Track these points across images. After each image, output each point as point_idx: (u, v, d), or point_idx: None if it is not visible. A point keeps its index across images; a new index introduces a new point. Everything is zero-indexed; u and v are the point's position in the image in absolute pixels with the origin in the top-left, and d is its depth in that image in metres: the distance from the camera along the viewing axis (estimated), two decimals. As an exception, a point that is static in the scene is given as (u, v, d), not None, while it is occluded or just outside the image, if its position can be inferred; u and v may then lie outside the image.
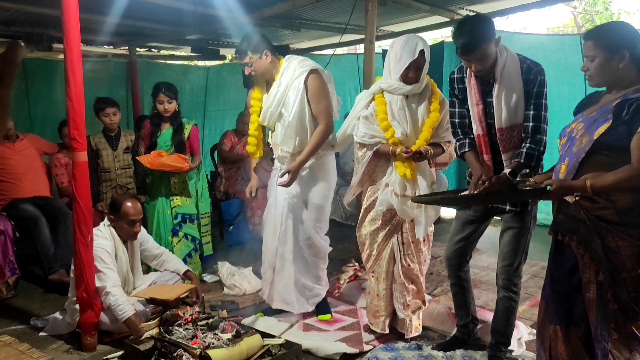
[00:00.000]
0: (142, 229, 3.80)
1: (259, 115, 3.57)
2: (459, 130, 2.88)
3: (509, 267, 2.82)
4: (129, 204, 3.49)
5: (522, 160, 2.63)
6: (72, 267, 3.34)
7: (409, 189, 3.08)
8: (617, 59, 2.10)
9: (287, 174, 3.35)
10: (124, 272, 3.53)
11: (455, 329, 3.23)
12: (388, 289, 3.28)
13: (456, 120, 2.89)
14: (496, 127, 2.69)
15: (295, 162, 3.38)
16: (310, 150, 3.37)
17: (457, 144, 2.89)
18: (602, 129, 2.06)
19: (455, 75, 2.87)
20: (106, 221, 3.53)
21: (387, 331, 3.32)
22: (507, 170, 2.62)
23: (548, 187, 2.12)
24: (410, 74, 3.02)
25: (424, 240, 3.26)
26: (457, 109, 2.88)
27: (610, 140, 2.05)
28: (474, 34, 2.53)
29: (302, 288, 3.58)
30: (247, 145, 3.69)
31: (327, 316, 3.63)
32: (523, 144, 2.65)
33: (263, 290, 3.75)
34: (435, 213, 3.19)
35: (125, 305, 3.21)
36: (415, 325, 3.29)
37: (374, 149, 3.12)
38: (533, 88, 2.64)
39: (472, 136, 2.82)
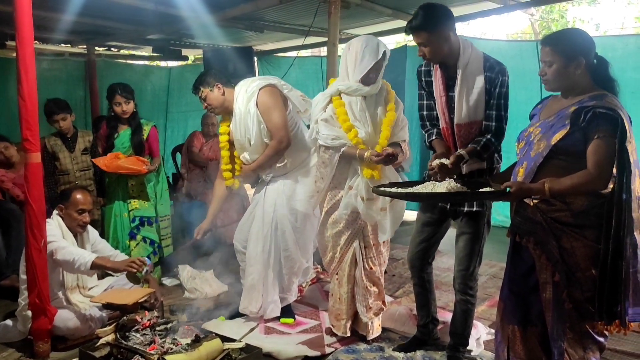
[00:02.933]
0: (95, 232, 3.71)
1: (228, 150, 3.64)
2: (427, 123, 2.91)
3: (464, 271, 2.86)
4: (78, 193, 3.49)
5: (478, 148, 2.66)
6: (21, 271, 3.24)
7: None
8: (574, 65, 2.15)
9: None
10: None
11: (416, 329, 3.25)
12: (350, 292, 3.27)
13: (424, 113, 2.91)
14: (455, 123, 2.72)
15: (245, 170, 3.53)
16: (260, 162, 3.45)
17: (426, 134, 2.91)
18: (559, 134, 2.12)
19: (423, 68, 2.90)
20: (55, 211, 3.46)
21: (348, 334, 3.31)
22: (461, 151, 2.64)
23: (508, 189, 2.16)
24: (371, 75, 3.03)
25: (383, 242, 3.27)
26: (425, 101, 2.91)
27: (567, 146, 2.11)
28: (420, 17, 2.62)
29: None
30: (226, 180, 3.67)
31: (290, 320, 3.60)
32: (486, 135, 2.68)
33: (249, 305, 3.53)
34: (400, 215, 3.20)
35: (82, 253, 3.27)
36: (375, 327, 3.31)
37: (341, 150, 3.10)
38: (495, 88, 2.67)
39: (439, 127, 2.85)
